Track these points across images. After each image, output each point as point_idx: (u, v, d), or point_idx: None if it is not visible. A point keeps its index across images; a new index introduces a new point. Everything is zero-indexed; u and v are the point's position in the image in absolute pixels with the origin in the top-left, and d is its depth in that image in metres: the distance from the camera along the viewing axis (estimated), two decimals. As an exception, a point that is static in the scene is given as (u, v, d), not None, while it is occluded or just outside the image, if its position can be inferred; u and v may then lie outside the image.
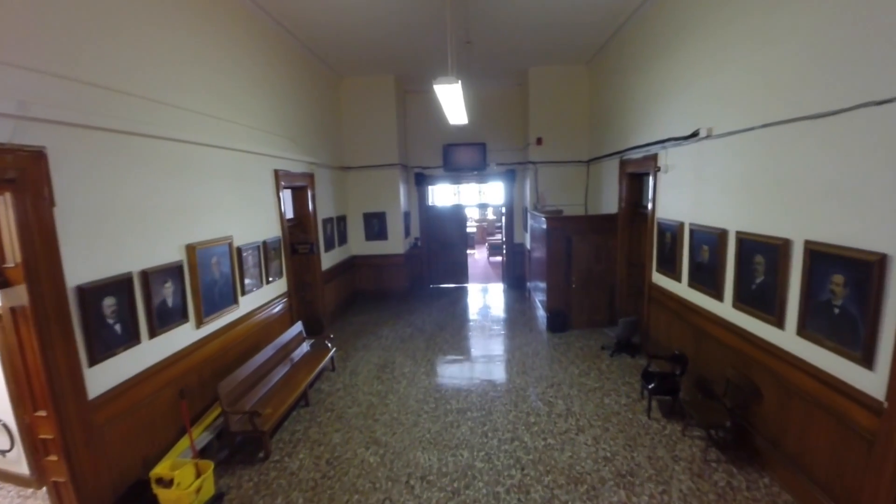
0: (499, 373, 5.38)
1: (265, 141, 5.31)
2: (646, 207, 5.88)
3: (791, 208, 3.06)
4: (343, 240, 8.29)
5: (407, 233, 9.32)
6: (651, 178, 5.31)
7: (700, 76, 4.22)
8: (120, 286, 3.12)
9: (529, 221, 8.50)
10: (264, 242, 5.14)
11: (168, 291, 3.61)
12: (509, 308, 8.31)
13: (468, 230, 14.95)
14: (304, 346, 5.50)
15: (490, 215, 18.16)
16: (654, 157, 5.20)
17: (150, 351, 3.42)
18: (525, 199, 9.07)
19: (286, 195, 6.52)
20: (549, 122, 8.20)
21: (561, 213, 7.91)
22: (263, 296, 5.14)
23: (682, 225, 4.62)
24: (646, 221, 5.70)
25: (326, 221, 7.36)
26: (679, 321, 4.75)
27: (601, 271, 6.71)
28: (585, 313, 6.84)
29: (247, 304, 4.77)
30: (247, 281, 4.75)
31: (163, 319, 3.54)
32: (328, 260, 7.42)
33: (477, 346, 6.36)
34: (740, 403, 3.63)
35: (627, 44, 6.08)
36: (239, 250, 4.60)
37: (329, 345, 5.59)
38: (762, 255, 3.38)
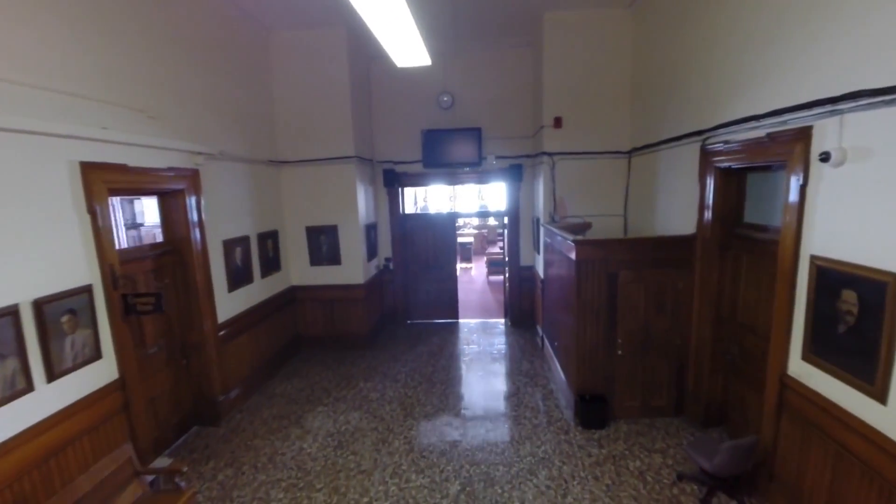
0: (495, 546, 2.82)
1: (55, 110, 2.80)
2: (761, 229, 3.31)
3: None
4: (274, 266, 5.73)
5: (372, 253, 6.76)
6: (792, 178, 2.73)
7: None
8: None
9: (543, 239, 5.91)
10: (35, 303, 2.61)
11: None
12: (515, 368, 5.70)
13: (462, 241, 12.42)
14: (138, 491, 2.95)
15: (492, 221, 15.52)
16: (803, 136, 2.63)
17: None
18: (536, 205, 6.48)
19: (146, 205, 4.01)
20: (571, 95, 5.60)
21: (588, 227, 5.36)
22: (35, 408, 2.61)
23: (905, 282, 2.05)
24: (765, 254, 3.13)
25: (233, 243, 4.79)
26: (874, 480, 2.18)
27: (664, 329, 4.13)
28: (638, 396, 4.25)
29: (-44, 446, 2.25)
30: (-44, 397, 2.23)
31: None
32: (237, 302, 4.85)
33: (460, 463, 3.80)
34: None
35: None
36: (-81, 337, 2.08)
37: (182, 484, 3.04)
38: None
